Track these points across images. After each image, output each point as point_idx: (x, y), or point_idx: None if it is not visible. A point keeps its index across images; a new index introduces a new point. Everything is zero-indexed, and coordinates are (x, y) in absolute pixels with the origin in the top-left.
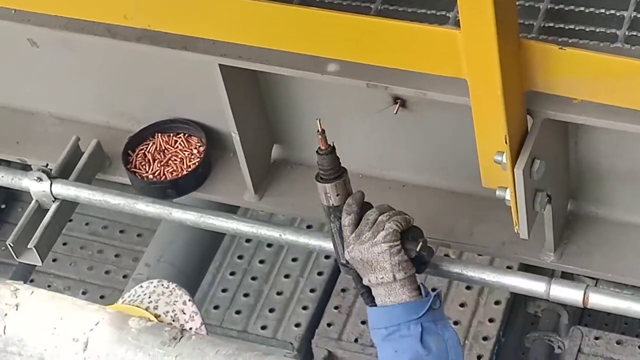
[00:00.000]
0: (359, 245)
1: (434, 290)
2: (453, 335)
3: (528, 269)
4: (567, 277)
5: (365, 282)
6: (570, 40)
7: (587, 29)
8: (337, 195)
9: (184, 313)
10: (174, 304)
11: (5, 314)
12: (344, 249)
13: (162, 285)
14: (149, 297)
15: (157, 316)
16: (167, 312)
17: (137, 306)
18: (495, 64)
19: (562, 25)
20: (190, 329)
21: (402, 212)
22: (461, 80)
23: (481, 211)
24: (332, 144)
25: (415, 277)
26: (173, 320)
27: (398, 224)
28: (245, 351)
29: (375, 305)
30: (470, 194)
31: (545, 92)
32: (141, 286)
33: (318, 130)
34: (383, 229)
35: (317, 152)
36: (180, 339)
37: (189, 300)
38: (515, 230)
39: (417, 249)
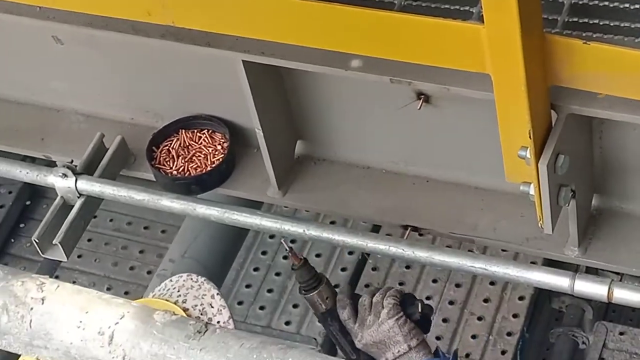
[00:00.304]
0: (367, 329)
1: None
2: None
3: (552, 264)
4: (592, 272)
5: None
6: (594, 35)
7: (612, 24)
8: (327, 298)
9: (212, 307)
10: (202, 298)
11: (31, 308)
12: (349, 345)
13: (191, 279)
14: (178, 291)
15: (185, 310)
16: (195, 305)
17: (167, 300)
18: (519, 59)
19: (586, 20)
20: (218, 322)
21: (389, 286)
22: (485, 75)
23: (505, 206)
24: (302, 257)
25: (425, 340)
26: (201, 314)
27: (394, 297)
28: (269, 344)
29: None
30: (494, 189)
31: (569, 87)
32: (171, 280)
33: (286, 249)
34: (383, 307)
35: (292, 268)
36: (205, 332)
37: (217, 294)
38: (539, 226)
39: (420, 310)
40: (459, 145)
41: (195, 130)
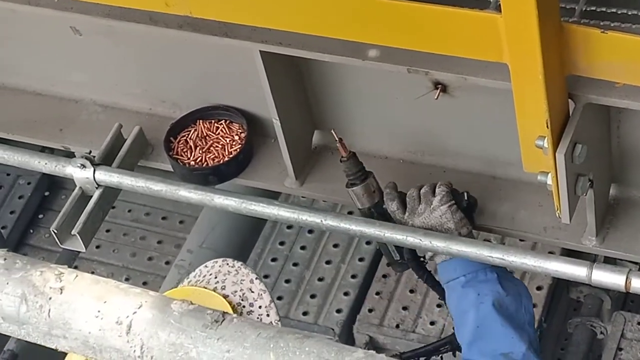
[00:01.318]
0: (418, 217)
1: None
2: (522, 284)
3: (570, 254)
4: (610, 262)
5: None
6: (612, 24)
7: (629, 13)
8: (373, 192)
9: (252, 291)
10: (241, 283)
11: (50, 298)
12: (392, 244)
13: (227, 264)
14: (215, 278)
15: (225, 296)
16: (235, 291)
17: (205, 287)
18: (536, 48)
19: (603, 9)
20: (260, 307)
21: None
22: (502, 65)
23: (523, 196)
24: (350, 150)
25: (473, 233)
26: (242, 299)
27: (446, 186)
28: (286, 334)
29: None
30: (512, 179)
31: (587, 76)
32: (206, 266)
33: (336, 140)
34: (435, 195)
35: (340, 161)
36: (222, 322)
37: (256, 278)
38: (557, 215)
39: (466, 198)
40: (476, 135)
41: (213, 121)
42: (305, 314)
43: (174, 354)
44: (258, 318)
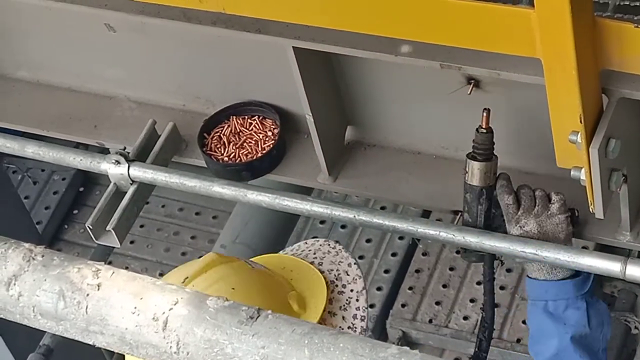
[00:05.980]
0: (535, 218)
1: None
2: (606, 309)
3: (604, 249)
4: None
5: None
6: None
7: None
8: (494, 174)
9: (348, 274)
10: (339, 264)
11: (87, 294)
12: (482, 215)
13: (329, 245)
14: (314, 254)
15: (321, 272)
16: (332, 270)
17: (302, 259)
18: (570, 43)
19: (637, 4)
20: (352, 290)
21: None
22: (535, 60)
23: (556, 191)
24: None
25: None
26: (336, 279)
27: (562, 196)
28: (321, 330)
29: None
30: (545, 174)
31: (620, 71)
32: (306, 242)
33: (485, 109)
34: (554, 202)
35: (477, 130)
36: (257, 318)
37: (354, 263)
38: (591, 210)
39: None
40: (509, 131)
41: (246, 117)
42: None
43: (210, 349)
44: (347, 301)
